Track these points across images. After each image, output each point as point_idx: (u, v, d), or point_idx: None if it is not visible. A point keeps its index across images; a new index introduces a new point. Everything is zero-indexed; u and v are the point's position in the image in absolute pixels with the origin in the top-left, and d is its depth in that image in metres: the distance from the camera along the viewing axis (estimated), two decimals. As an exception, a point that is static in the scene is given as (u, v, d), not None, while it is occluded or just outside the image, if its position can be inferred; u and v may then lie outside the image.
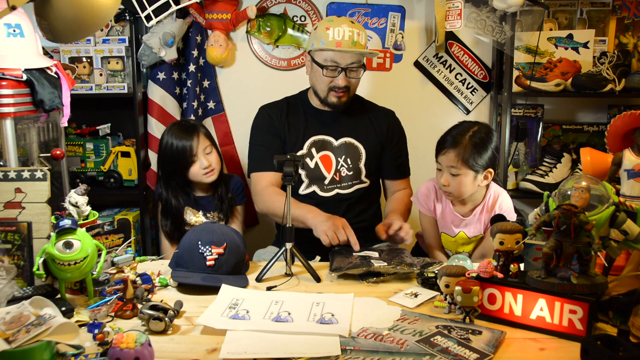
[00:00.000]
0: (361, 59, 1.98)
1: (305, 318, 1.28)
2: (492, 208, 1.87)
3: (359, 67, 1.98)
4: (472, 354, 1.10)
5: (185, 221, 2.16)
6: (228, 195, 2.19)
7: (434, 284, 1.43)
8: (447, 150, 1.79)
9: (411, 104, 2.68)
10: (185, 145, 2.04)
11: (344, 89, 1.97)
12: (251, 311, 1.32)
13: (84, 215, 1.57)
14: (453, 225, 1.92)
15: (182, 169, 2.07)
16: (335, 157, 2.05)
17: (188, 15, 2.50)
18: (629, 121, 1.61)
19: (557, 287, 1.17)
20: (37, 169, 1.42)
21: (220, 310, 1.32)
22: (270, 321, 1.26)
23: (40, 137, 1.85)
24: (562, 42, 2.50)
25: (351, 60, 1.94)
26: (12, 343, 0.96)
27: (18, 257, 1.36)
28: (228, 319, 1.28)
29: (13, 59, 1.67)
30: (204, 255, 1.49)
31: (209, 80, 2.63)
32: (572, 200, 1.25)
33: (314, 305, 1.35)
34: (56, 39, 1.41)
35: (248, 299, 1.40)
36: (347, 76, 1.96)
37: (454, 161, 1.77)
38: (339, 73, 1.95)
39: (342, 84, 1.96)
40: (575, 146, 2.59)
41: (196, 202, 2.17)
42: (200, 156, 2.06)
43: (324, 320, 1.26)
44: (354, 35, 1.92)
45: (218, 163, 2.12)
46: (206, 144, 2.09)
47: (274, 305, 1.36)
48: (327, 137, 2.06)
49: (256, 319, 1.28)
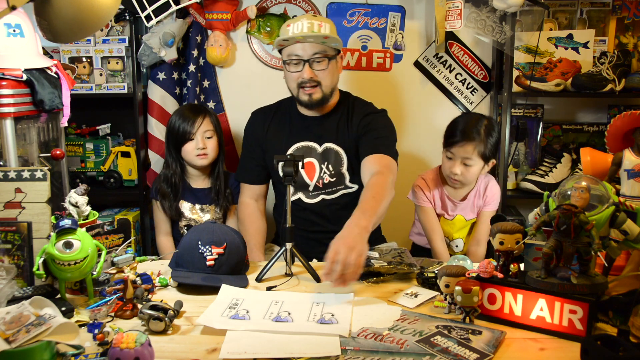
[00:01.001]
0: (326, 50, 1.89)
1: (305, 318, 1.28)
2: (484, 193, 2.09)
3: (324, 58, 1.89)
4: (472, 354, 1.10)
5: (182, 213, 2.18)
6: (226, 191, 2.21)
7: (434, 284, 1.43)
8: (465, 142, 1.95)
9: (411, 104, 2.68)
10: (187, 122, 2.13)
11: (312, 84, 1.90)
12: (251, 311, 1.32)
13: (84, 215, 1.57)
14: (450, 210, 2.10)
15: (178, 144, 2.15)
16: (318, 164, 2.00)
17: (188, 15, 2.50)
18: (629, 121, 1.61)
19: (557, 287, 1.18)
20: (37, 169, 1.42)
21: (220, 310, 1.32)
22: (270, 321, 1.26)
23: (40, 137, 1.85)
24: (562, 42, 2.50)
25: (312, 50, 1.87)
26: (12, 343, 0.96)
27: (18, 257, 1.36)
28: (228, 319, 1.27)
29: (13, 59, 1.67)
30: (204, 255, 1.49)
31: (209, 80, 2.63)
32: (572, 200, 1.25)
33: (314, 305, 1.35)
34: (56, 39, 1.41)
35: (248, 298, 1.40)
36: (312, 68, 1.89)
37: (470, 153, 1.95)
38: (303, 66, 1.89)
39: (307, 77, 1.88)
40: (575, 146, 2.58)
41: (192, 193, 2.21)
42: (197, 136, 2.13)
43: (324, 320, 1.26)
44: (313, 26, 1.85)
45: (214, 150, 2.18)
46: (208, 127, 2.16)
47: (274, 305, 1.35)
48: (311, 143, 2.01)
49: (256, 318, 1.28)
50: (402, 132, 2.67)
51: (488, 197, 2.10)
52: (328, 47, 1.90)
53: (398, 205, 2.62)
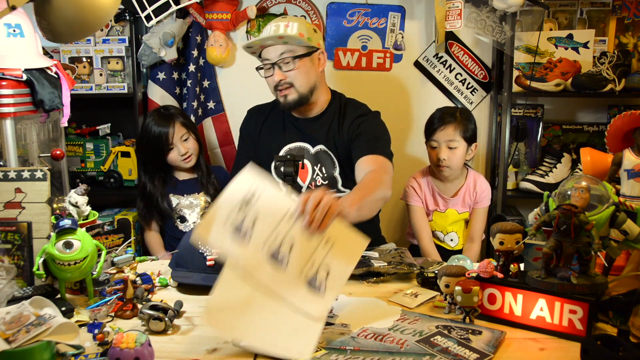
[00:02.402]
0: (293, 49, 1.84)
1: (299, 268, 1.19)
2: (474, 189, 2.19)
3: (293, 58, 1.84)
4: (472, 354, 1.10)
5: (172, 207, 2.21)
6: (212, 176, 2.27)
7: (434, 284, 1.43)
8: (445, 126, 2.10)
9: (411, 104, 2.68)
10: (161, 133, 2.15)
11: (285, 85, 1.87)
12: (257, 226, 1.19)
13: (84, 215, 1.57)
14: (442, 206, 2.21)
15: (160, 155, 2.18)
16: (311, 166, 1.98)
17: (188, 15, 2.50)
18: (629, 121, 1.61)
19: (557, 287, 1.17)
20: (37, 169, 1.42)
21: (229, 208, 1.20)
22: (265, 255, 1.17)
23: (40, 137, 1.85)
24: (562, 42, 2.50)
25: (278, 51, 1.84)
26: (12, 343, 0.96)
27: (18, 257, 1.36)
28: (230, 231, 1.18)
29: (13, 59, 1.67)
30: (204, 255, 1.49)
31: (209, 80, 2.63)
32: (572, 200, 1.25)
33: (318, 250, 1.21)
34: (56, 39, 1.41)
35: (265, 199, 1.22)
36: (281, 70, 1.85)
37: (452, 135, 2.09)
38: (273, 70, 1.87)
39: (277, 79, 1.86)
40: (575, 146, 2.58)
41: (177, 186, 2.24)
42: (177, 144, 2.17)
43: (314, 282, 1.18)
44: (279, 28, 1.83)
45: (196, 148, 2.23)
46: (182, 132, 2.19)
47: (280, 230, 1.20)
48: (304, 144, 1.99)
49: (254, 244, 1.18)
50: (402, 133, 2.68)
51: (478, 194, 2.19)
52: (297, 46, 1.85)
53: (398, 207, 2.64)
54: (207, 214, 1.22)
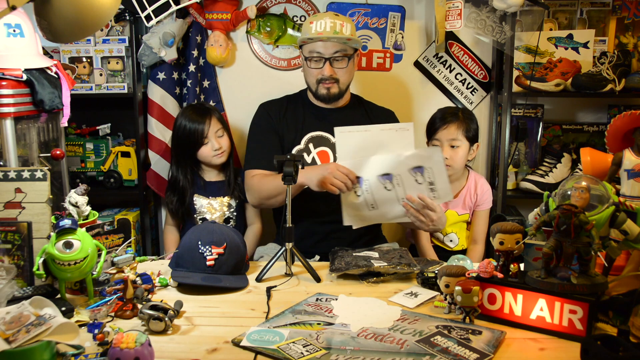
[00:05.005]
0: (346, 49, 1.98)
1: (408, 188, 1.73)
2: (475, 191, 2.19)
3: (344, 57, 1.98)
4: (472, 354, 1.10)
5: (195, 208, 2.21)
6: (238, 179, 2.25)
7: (434, 284, 1.43)
8: (447, 125, 2.10)
9: (411, 104, 2.68)
10: (197, 128, 2.15)
11: (331, 80, 1.99)
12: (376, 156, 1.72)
13: (84, 215, 1.57)
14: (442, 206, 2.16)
15: (193, 150, 2.18)
16: (333, 154, 2.04)
17: (188, 15, 2.50)
18: (629, 121, 1.61)
19: (557, 287, 1.18)
20: (37, 169, 1.42)
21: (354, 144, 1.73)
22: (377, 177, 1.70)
23: (40, 137, 1.85)
24: (562, 42, 2.50)
25: (334, 49, 1.95)
26: (12, 343, 0.96)
27: (18, 257, 1.36)
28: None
29: (13, 59, 1.67)
30: (204, 255, 1.49)
31: (209, 80, 2.63)
32: (572, 200, 1.26)
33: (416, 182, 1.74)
34: (56, 39, 1.41)
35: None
36: (332, 66, 1.97)
37: (454, 134, 2.09)
38: (323, 64, 1.97)
39: (327, 74, 1.98)
40: (575, 146, 2.58)
41: (205, 188, 2.24)
42: (211, 138, 2.16)
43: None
44: (335, 25, 1.93)
45: (228, 146, 2.23)
46: (218, 127, 2.19)
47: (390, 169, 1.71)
48: (324, 133, 2.06)
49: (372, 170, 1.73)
50: (402, 132, 2.67)
51: (479, 196, 2.19)
52: (348, 46, 1.98)
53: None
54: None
